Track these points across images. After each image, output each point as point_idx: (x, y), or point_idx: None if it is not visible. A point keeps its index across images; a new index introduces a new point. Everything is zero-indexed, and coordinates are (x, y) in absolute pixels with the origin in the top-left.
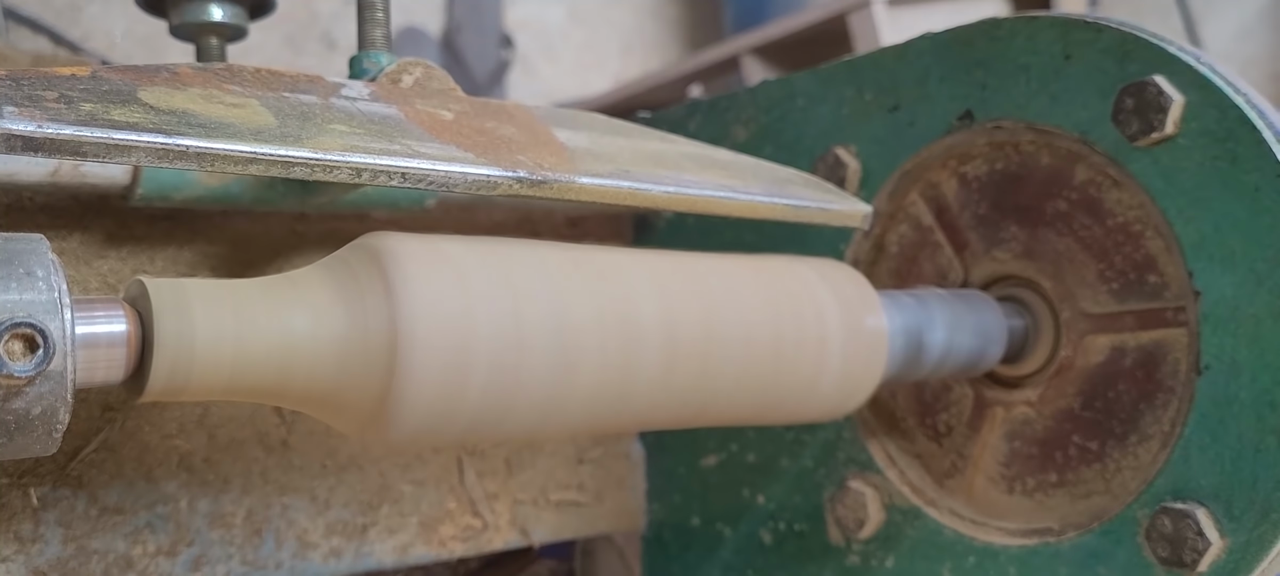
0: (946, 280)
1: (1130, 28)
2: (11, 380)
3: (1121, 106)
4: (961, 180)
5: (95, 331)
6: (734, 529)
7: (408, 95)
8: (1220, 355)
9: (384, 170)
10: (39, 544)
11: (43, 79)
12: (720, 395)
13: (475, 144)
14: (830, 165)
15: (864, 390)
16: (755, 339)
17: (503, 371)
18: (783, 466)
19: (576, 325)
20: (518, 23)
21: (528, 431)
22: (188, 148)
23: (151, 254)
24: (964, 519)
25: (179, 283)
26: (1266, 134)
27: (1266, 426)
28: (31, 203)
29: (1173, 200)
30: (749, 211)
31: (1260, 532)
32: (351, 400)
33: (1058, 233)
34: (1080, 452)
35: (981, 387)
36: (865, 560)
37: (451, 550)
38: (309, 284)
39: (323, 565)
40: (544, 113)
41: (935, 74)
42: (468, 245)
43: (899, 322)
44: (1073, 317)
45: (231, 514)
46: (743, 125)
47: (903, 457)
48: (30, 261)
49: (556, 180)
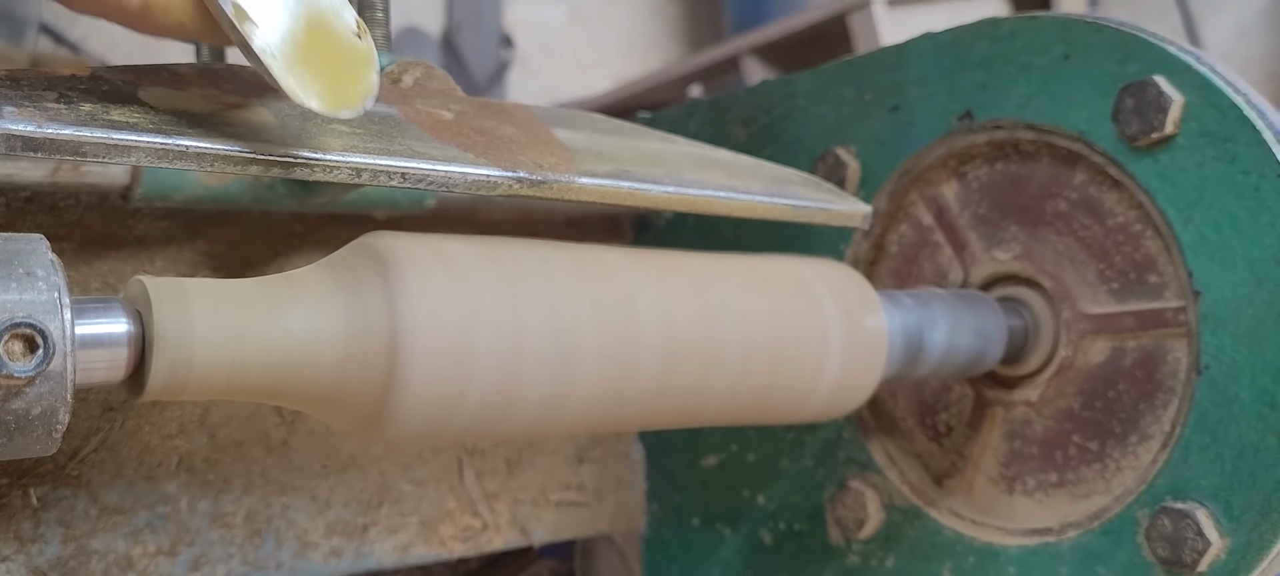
0: (946, 280)
1: (1130, 28)
2: (11, 380)
3: (1121, 106)
4: (961, 180)
5: (95, 331)
6: (734, 529)
7: (407, 95)
8: (1220, 355)
9: (384, 170)
10: (39, 544)
11: (43, 79)
12: (720, 395)
13: (475, 144)
14: (830, 165)
15: (864, 390)
16: (755, 339)
17: (503, 371)
18: (783, 466)
19: (576, 325)
20: (518, 23)
21: (528, 431)
22: (188, 148)
23: (151, 254)
24: (964, 519)
25: (179, 282)
26: (1266, 133)
27: (1267, 426)
28: (31, 203)
29: (1172, 200)
30: (749, 211)
31: (1260, 532)
32: (352, 400)
33: (1058, 233)
34: (1080, 452)
35: (981, 387)
36: (865, 560)
37: (451, 550)
38: (309, 284)
39: (323, 565)
40: (544, 113)
41: (935, 74)
42: (468, 245)
43: (899, 323)
44: (1073, 317)
45: (232, 514)
46: (743, 125)
47: (903, 457)
48: (30, 261)
49: (556, 180)
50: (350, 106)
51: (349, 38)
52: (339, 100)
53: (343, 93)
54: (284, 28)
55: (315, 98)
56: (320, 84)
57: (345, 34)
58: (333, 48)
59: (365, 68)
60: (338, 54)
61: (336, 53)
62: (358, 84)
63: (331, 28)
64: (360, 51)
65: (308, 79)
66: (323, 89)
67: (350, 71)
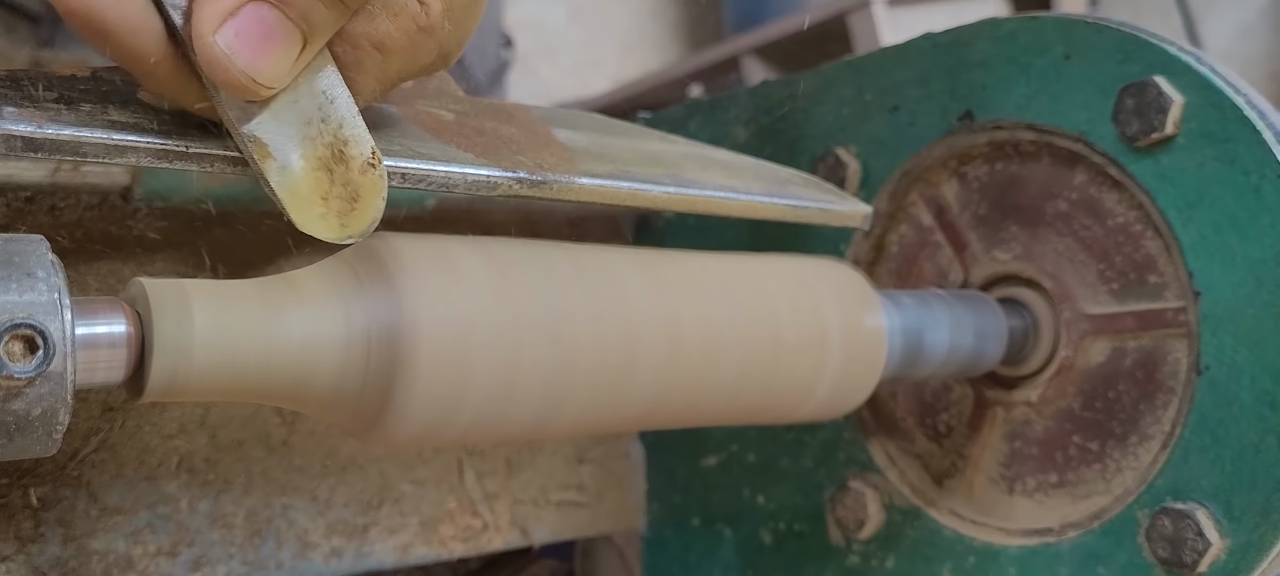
0: (946, 280)
1: (1130, 28)
2: (11, 381)
3: (1121, 106)
4: (962, 180)
5: (95, 332)
6: (734, 529)
7: (407, 95)
8: (1220, 355)
9: None
10: (39, 544)
11: (43, 79)
12: (719, 394)
13: (475, 144)
14: (830, 165)
15: (863, 390)
16: (754, 338)
17: (504, 372)
18: (783, 466)
19: (576, 325)
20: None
21: (528, 432)
22: (188, 149)
23: (151, 254)
24: (964, 519)
25: (179, 283)
26: (1266, 134)
27: (1267, 426)
28: (31, 203)
29: (1173, 200)
30: (749, 211)
31: (1260, 533)
32: (352, 401)
33: (1058, 233)
34: (1080, 453)
35: (981, 388)
36: (865, 560)
37: (451, 550)
38: (309, 285)
39: (323, 565)
40: (544, 113)
41: (935, 74)
42: (469, 245)
43: (899, 322)
44: (1073, 318)
45: (232, 514)
46: (743, 125)
47: (903, 458)
48: (30, 262)
49: (556, 181)
50: (352, 235)
51: (360, 167)
52: (343, 229)
53: (347, 222)
54: (296, 161)
55: (320, 227)
56: (326, 213)
57: (357, 163)
58: (343, 178)
59: (373, 198)
60: (347, 184)
61: (346, 183)
62: (364, 214)
63: (345, 156)
64: (369, 182)
65: (314, 209)
66: (328, 218)
67: (358, 201)
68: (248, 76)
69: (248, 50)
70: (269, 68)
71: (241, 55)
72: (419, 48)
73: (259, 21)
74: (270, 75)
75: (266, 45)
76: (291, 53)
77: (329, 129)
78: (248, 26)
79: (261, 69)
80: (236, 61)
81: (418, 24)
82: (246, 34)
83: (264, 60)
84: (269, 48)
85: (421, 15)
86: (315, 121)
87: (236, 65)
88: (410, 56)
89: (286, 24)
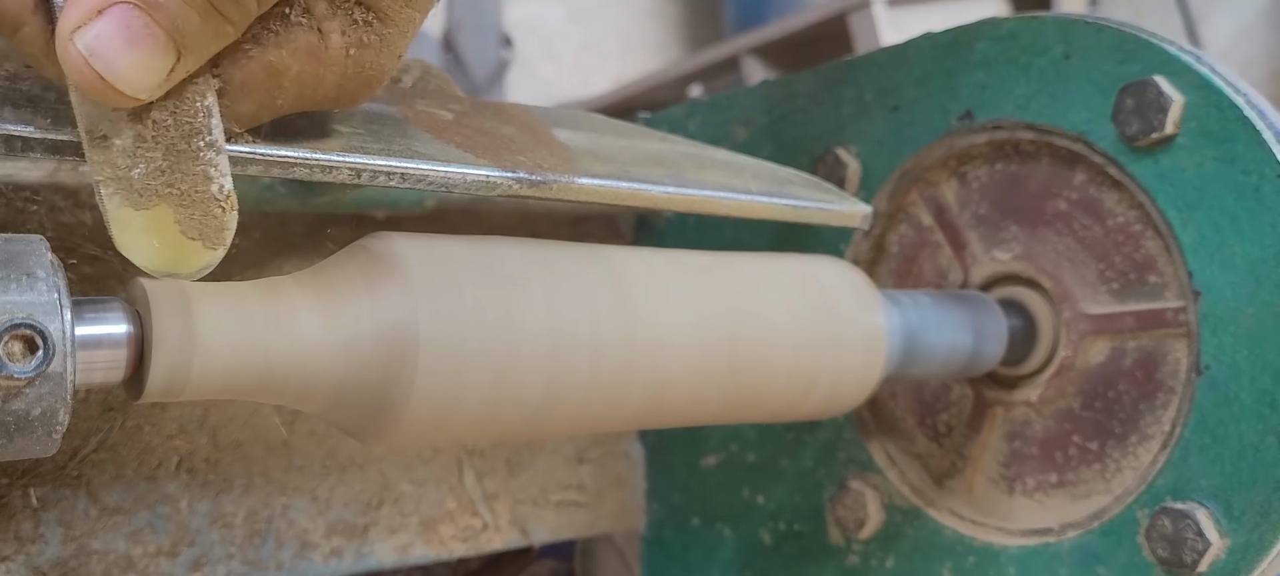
0: (946, 280)
1: (1130, 28)
2: (11, 381)
3: (1121, 106)
4: (961, 180)
5: (95, 332)
6: (734, 529)
7: (407, 95)
8: (1220, 355)
9: (383, 170)
10: (39, 544)
11: (43, 79)
12: (718, 393)
13: (475, 144)
14: (830, 165)
15: (863, 389)
16: (754, 336)
17: (505, 371)
18: (783, 466)
19: (576, 325)
20: (518, 23)
21: (527, 431)
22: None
23: None
24: (964, 519)
25: (178, 284)
26: (1266, 134)
27: (1267, 426)
28: (31, 203)
29: (1172, 200)
30: (749, 211)
31: (1260, 532)
32: (353, 401)
33: (1058, 233)
34: (1080, 452)
35: (981, 387)
36: (865, 560)
37: (451, 550)
38: (309, 285)
39: (323, 565)
40: (544, 113)
41: (935, 74)
42: (468, 245)
43: (898, 322)
44: (1073, 318)
45: (232, 514)
46: (743, 125)
47: (903, 457)
48: (30, 262)
49: (556, 181)
50: (177, 272)
51: (207, 203)
52: (169, 262)
53: (178, 256)
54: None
55: (144, 254)
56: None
57: (206, 200)
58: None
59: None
60: (190, 219)
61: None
62: (196, 255)
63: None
64: (214, 223)
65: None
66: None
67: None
68: (104, 81)
69: (108, 53)
70: (129, 74)
71: (100, 58)
72: (316, 79)
73: (124, 26)
74: (131, 82)
75: (128, 51)
76: (160, 62)
77: (188, 156)
78: (110, 29)
79: (121, 75)
80: (94, 64)
81: (314, 56)
82: (107, 37)
83: (124, 65)
84: (130, 53)
85: (319, 47)
86: (176, 144)
87: (93, 68)
88: (304, 88)
89: (154, 30)
